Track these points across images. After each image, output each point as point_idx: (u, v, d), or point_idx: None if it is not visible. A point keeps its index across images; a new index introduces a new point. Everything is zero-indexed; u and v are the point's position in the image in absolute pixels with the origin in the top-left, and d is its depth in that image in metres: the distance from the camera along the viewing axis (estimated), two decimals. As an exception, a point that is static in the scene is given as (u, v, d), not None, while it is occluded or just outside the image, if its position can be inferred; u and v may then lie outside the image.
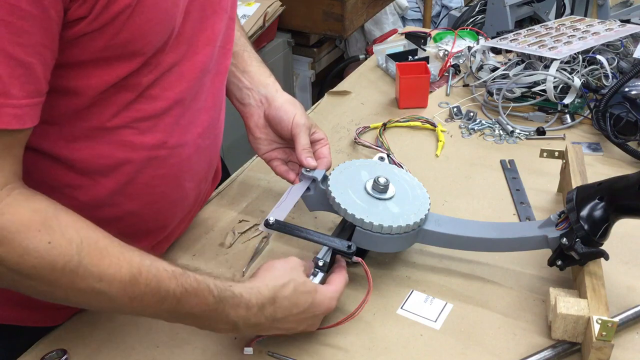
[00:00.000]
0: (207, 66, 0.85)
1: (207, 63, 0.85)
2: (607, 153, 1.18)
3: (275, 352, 0.81)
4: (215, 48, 0.86)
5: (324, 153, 0.96)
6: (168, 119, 0.81)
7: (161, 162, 0.83)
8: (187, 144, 0.85)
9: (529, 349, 0.81)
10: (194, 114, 0.85)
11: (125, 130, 0.78)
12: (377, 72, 1.51)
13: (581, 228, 0.81)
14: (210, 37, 0.84)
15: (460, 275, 0.93)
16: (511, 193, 1.09)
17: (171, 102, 0.81)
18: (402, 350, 0.82)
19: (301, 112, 0.97)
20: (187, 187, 0.89)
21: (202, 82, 0.85)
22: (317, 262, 0.84)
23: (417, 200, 0.90)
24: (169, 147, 0.83)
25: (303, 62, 2.63)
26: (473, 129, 1.27)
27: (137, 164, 0.80)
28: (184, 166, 0.86)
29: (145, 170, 0.82)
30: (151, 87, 0.78)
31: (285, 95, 0.99)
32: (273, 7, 2.25)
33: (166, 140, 0.82)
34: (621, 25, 1.41)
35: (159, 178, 0.84)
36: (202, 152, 0.90)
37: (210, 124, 0.90)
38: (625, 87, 1.19)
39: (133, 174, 0.81)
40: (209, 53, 0.85)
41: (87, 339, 0.84)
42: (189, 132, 0.85)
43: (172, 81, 0.80)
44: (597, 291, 0.79)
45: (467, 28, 1.69)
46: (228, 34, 0.90)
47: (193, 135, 0.86)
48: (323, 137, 0.98)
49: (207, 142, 0.90)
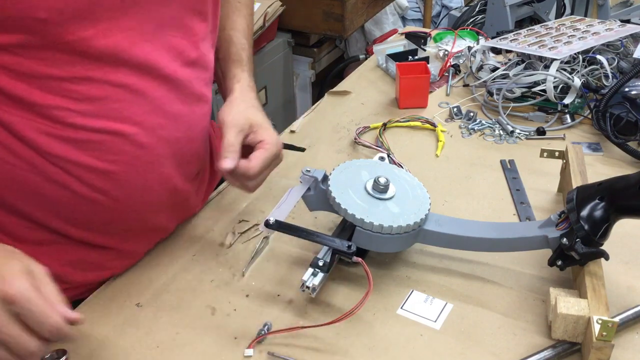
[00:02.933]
0: (160, 55, 0.82)
1: (161, 52, 0.82)
2: (607, 153, 1.18)
3: (275, 353, 0.81)
4: (171, 37, 0.84)
5: (252, 156, 0.88)
6: (111, 105, 0.79)
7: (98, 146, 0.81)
8: (144, 133, 0.83)
9: (529, 349, 0.81)
10: (149, 102, 0.83)
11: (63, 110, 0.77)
12: (377, 72, 1.51)
13: (581, 228, 0.81)
14: (160, 24, 0.82)
15: (460, 275, 0.93)
16: (511, 193, 1.09)
17: (113, 88, 0.79)
18: (402, 350, 0.82)
19: (235, 111, 0.91)
20: (149, 178, 0.86)
21: (154, 73, 0.82)
22: (317, 262, 0.84)
23: (417, 200, 0.90)
24: (117, 134, 0.81)
25: (303, 62, 2.63)
26: (473, 129, 1.27)
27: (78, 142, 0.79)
28: (142, 156, 0.84)
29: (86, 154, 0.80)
30: (82, 68, 0.76)
31: (232, 97, 0.95)
32: (273, 7, 2.25)
33: (113, 127, 0.80)
34: (621, 25, 1.41)
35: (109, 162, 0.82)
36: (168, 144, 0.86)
37: (176, 116, 0.86)
38: (625, 87, 1.19)
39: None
40: (164, 41, 0.83)
41: (87, 339, 0.84)
42: (143, 122, 0.82)
43: (112, 66, 0.78)
44: (597, 291, 0.79)
45: (467, 28, 1.69)
46: (188, 25, 0.87)
47: (152, 124, 0.83)
48: (262, 139, 0.90)
49: (175, 135, 0.87)
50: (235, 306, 0.88)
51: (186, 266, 0.96)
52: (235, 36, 1.02)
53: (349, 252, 0.84)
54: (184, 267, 0.96)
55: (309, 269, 0.84)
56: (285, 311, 0.87)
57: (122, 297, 0.91)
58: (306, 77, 2.65)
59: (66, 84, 0.76)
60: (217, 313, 0.88)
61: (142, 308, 0.89)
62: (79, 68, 0.76)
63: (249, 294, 0.90)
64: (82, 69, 0.77)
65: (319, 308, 0.88)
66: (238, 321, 0.86)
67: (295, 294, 0.90)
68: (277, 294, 0.90)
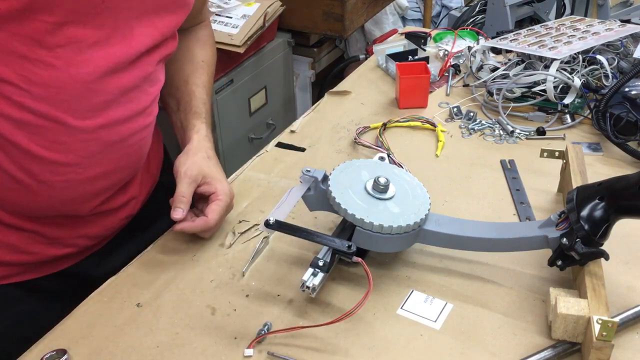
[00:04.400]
0: (121, 63, 0.86)
1: (121, 60, 0.86)
2: (607, 153, 1.18)
3: (275, 353, 0.81)
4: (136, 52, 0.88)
5: (207, 210, 0.96)
6: (63, 95, 0.82)
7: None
8: (86, 128, 0.85)
9: (529, 349, 0.81)
10: (97, 102, 0.86)
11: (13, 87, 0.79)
12: (377, 72, 1.51)
13: (581, 228, 0.81)
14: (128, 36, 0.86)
15: (460, 275, 0.93)
16: (511, 193, 1.09)
17: (70, 80, 0.82)
18: (402, 350, 0.82)
19: (190, 161, 0.98)
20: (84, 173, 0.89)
21: (112, 75, 0.86)
22: (317, 262, 0.84)
23: (417, 200, 0.90)
24: (60, 123, 0.83)
25: (303, 62, 2.63)
26: (473, 129, 1.27)
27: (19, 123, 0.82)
28: (79, 149, 0.86)
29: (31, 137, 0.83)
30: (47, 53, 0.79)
31: (190, 146, 1.01)
32: (273, 7, 2.25)
33: (57, 115, 0.83)
34: (621, 25, 1.41)
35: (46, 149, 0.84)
36: (107, 145, 0.89)
37: (121, 121, 0.89)
38: (625, 87, 1.19)
39: None
40: (127, 53, 0.87)
41: (87, 339, 0.84)
42: (88, 118, 0.85)
43: (74, 59, 0.81)
44: (597, 291, 0.79)
45: (467, 28, 1.69)
46: (157, 47, 0.93)
47: (93, 123, 0.86)
48: (215, 192, 0.97)
49: (115, 137, 0.89)
50: (235, 306, 0.88)
51: (186, 266, 0.96)
52: (197, 91, 1.09)
53: (349, 252, 0.84)
54: (184, 267, 0.96)
55: (309, 269, 0.84)
56: (285, 311, 0.87)
57: (122, 297, 0.91)
58: (306, 77, 2.65)
59: (28, 64, 0.79)
60: (217, 313, 0.88)
61: (142, 308, 0.89)
62: (47, 53, 0.79)
63: (249, 294, 0.90)
64: (50, 55, 0.80)
65: (319, 308, 0.88)
66: (238, 321, 0.86)
67: (295, 294, 0.90)
68: (277, 294, 0.90)
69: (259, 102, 2.36)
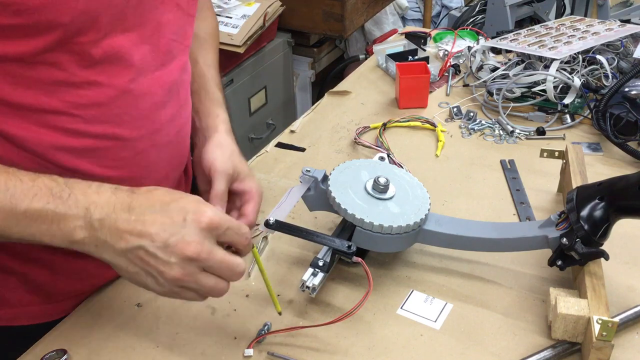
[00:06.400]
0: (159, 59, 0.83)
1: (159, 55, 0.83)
2: (607, 153, 1.18)
3: (275, 353, 0.81)
4: (169, 41, 0.84)
5: (246, 211, 0.89)
6: (115, 110, 0.80)
7: (110, 153, 0.81)
8: (142, 138, 0.84)
9: (529, 349, 0.81)
10: (147, 107, 0.83)
11: (64, 116, 0.77)
12: (377, 72, 1.51)
13: (581, 228, 0.81)
14: (158, 27, 0.82)
15: (460, 275, 0.93)
16: (511, 193, 1.09)
17: (117, 91, 0.79)
18: (402, 350, 0.82)
19: (225, 157, 0.91)
20: (144, 184, 0.85)
21: (154, 76, 0.83)
22: (317, 262, 0.84)
23: (417, 200, 0.90)
24: (118, 139, 0.81)
25: (303, 62, 2.63)
26: (473, 129, 1.27)
27: (79, 151, 0.79)
28: (139, 161, 0.84)
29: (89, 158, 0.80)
30: (89, 72, 0.76)
31: (219, 137, 0.94)
32: (273, 7, 2.25)
33: (114, 132, 0.81)
34: (621, 25, 1.41)
35: (109, 168, 0.82)
36: (160, 149, 0.87)
37: (170, 119, 0.87)
38: (625, 87, 1.19)
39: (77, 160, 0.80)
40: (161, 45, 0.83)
41: (87, 339, 0.84)
42: (142, 126, 0.83)
43: (115, 69, 0.78)
44: (597, 291, 0.79)
45: (467, 28, 1.69)
46: (183, 28, 0.88)
47: (148, 130, 0.84)
48: (249, 190, 0.91)
49: (167, 139, 0.88)
50: (235, 306, 0.88)
51: (186, 266, 0.96)
52: (209, 73, 1.02)
53: (349, 252, 0.84)
54: (184, 267, 0.96)
55: (309, 269, 0.84)
56: (285, 311, 0.87)
57: (122, 297, 0.91)
58: (306, 77, 2.65)
59: (73, 88, 0.76)
60: (217, 313, 0.88)
61: (142, 308, 0.89)
62: (89, 72, 0.76)
63: (249, 294, 0.90)
64: (92, 73, 0.77)
65: (318, 308, 0.88)
66: (238, 321, 0.86)
67: (295, 294, 0.90)
68: (277, 294, 0.90)
69: (259, 102, 2.36)
